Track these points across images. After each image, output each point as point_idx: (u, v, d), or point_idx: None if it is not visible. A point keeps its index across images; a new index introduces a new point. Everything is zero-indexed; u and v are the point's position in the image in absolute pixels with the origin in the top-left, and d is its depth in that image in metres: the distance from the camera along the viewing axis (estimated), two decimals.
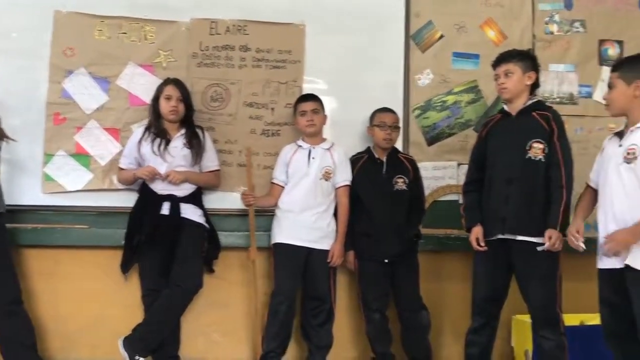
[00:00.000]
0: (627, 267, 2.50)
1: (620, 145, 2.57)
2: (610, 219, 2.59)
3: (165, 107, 3.20)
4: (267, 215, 3.38)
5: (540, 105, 2.99)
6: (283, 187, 3.34)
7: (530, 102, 2.97)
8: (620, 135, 2.63)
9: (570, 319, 3.28)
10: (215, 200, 3.40)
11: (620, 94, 2.59)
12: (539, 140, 2.89)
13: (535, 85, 3.02)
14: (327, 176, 3.29)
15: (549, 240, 2.78)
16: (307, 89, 3.52)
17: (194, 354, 3.40)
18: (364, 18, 3.61)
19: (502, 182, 2.93)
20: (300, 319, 3.31)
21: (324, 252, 3.24)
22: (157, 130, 3.21)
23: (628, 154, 2.50)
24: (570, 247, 2.75)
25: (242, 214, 3.39)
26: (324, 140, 3.39)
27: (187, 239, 3.13)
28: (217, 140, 3.44)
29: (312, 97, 3.35)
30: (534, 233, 2.84)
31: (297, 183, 3.29)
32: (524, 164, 2.89)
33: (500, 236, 2.93)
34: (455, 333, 3.49)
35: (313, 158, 3.31)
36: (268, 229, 3.36)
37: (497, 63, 3.02)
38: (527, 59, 3.01)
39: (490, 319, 3.02)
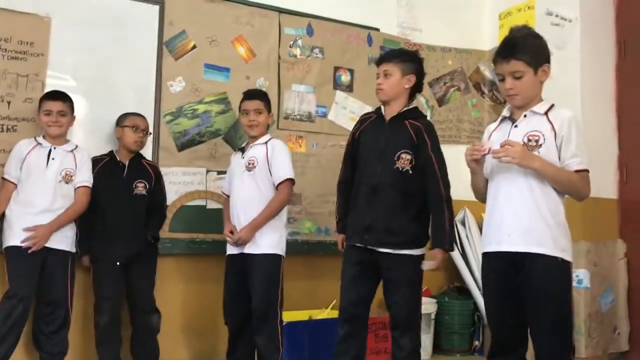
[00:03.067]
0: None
1: (243, 157, 2.92)
2: (238, 219, 3.05)
3: None
4: None
5: (414, 113, 2.86)
6: (16, 184, 3.10)
7: (405, 108, 2.85)
8: (242, 150, 3.04)
9: (301, 315, 3.63)
10: None
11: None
12: (407, 151, 2.76)
13: (415, 90, 2.90)
14: (67, 179, 3.15)
15: (433, 259, 2.71)
16: (51, 84, 3.33)
17: None
18: (117, 18, 3.55)
19: (368, 190, 2.79)
20: (32, 325, 3.09)
21: (63, 253, 3.09)
22: None
23: (249, 163, 2.84)
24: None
25: None
26: (67, 141, 3.24)
27: None
28: None
29: (61, 96, 3.17)
30: (397, 246, 2.73)
31: (34, 183, 3.08)
32: (392, 174, 2.76)
33: (358, 245, 2.80)
34: (189, 333, 3.61)
35: (53, 159, 3.13)
36: None
37: (378, 62, 2.89)
38: (409, 61, 2.86)
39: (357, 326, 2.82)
